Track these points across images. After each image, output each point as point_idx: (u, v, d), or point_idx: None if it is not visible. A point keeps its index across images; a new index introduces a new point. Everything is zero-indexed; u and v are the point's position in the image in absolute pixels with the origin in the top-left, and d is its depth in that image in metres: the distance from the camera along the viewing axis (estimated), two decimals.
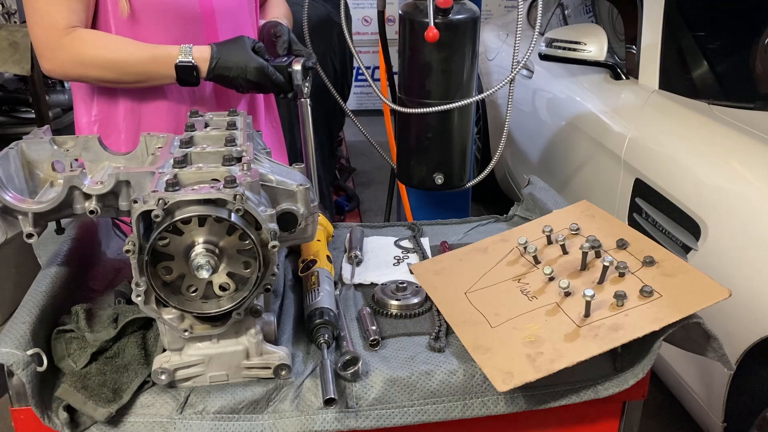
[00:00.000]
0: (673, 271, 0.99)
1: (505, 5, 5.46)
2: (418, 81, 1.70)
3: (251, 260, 0.82)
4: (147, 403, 0.87)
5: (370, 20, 5.47)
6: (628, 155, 2.06)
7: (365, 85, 5.42)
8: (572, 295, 0.99)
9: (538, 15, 1.94)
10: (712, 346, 0.94)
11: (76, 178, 0.89)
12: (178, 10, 1.28)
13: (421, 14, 1.61)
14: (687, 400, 1.83)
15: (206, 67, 1.23)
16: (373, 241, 1.32)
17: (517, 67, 1.70)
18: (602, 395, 0.94)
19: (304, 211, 0.93)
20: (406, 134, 1.82)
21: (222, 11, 1.34)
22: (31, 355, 0.83)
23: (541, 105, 2.92)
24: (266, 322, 0.92)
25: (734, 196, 1.65)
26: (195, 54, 1.23)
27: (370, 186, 4.21)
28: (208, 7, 1.31)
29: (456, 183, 1.83)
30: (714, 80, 2.20)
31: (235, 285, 0.83)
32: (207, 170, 0.85)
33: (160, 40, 1.26)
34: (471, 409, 0.92)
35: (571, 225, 1.15)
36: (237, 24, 1.38)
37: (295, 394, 0.90)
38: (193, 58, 1.22)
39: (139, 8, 1.25)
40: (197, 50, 1.23)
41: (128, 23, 1.26)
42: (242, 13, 1.40)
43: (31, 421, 0.85)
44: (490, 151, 3.63)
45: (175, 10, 1.28)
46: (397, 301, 1.08)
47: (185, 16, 1.29)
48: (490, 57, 3.61)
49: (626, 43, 2.43)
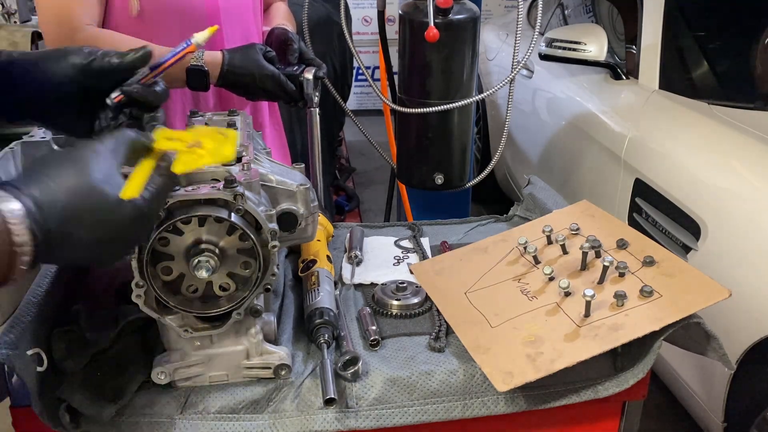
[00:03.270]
0: (673, 271, 0.99)
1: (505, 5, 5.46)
2: (418, 81, 1.70)
3: (251, 260, 0.82)
4: (147, 403, 0.87)
5: (370, 20, 5.47)
6: (628, 155, 2.06)
7: (365, 85, 5.42)
8: (572, 295, 0.99)
9: (538, 15, 1.94)
10: (713, 345, 0.94)
11: None
12: (184, 9, 1.28)
13: (421, 14, 1.61)
14: (687, 400, 1.83)
15: (217, 73, 1.20)
16: (373, 241, 1.32)
17: (517, 67, 1.70)
18: (602, 395, 0.94)
19: (304, 211, 0.93)
20: (406, 134, 1.82)
21: (227, 12, 1.34)
22: (31, 355, 0.83)
23: (541, 105, 2.92)
24: (266, 322, 0.92)
25: (734, 196, 1.65)
26: (206, 59, 1.19)
27: (370, 186, 4.21)
28: (214, 7, 1.31)
29: (456, 183, 1.82)
30: (714, 80, 2.20)
31: (235, 285, 0.83)
32: (207, 170, 0.85)
33: (165, 38, 1.25)
34: (471, 409, 0.92)
35: (571, 225, 1.15)
36: (242, 25, 1.38)
37: (295, 394, 0.90)
38: (205, 63, 1.19)
39: (147, 7, 1.25)
40: (209, 55, 1.20)
41: (135, 22, 1.25)
42: (247, 15, 1.40)
43: (31, 421, 0.85)
44: (490, 151, 3.63)
45: (182, 9, 1.28)
46: (397, 301, 1.08)
47: (191, 15, 1.29)
48: (490, 57, 3.61)
49: (626, 43, 2.43)
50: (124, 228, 0.66)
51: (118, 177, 0.66)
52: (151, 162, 0.72)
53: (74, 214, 0.62)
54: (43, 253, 0.62)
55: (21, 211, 0.59)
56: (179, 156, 0.74)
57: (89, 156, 0.65)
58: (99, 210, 0.64)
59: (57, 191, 0.62)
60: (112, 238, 0.66)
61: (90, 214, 0.63)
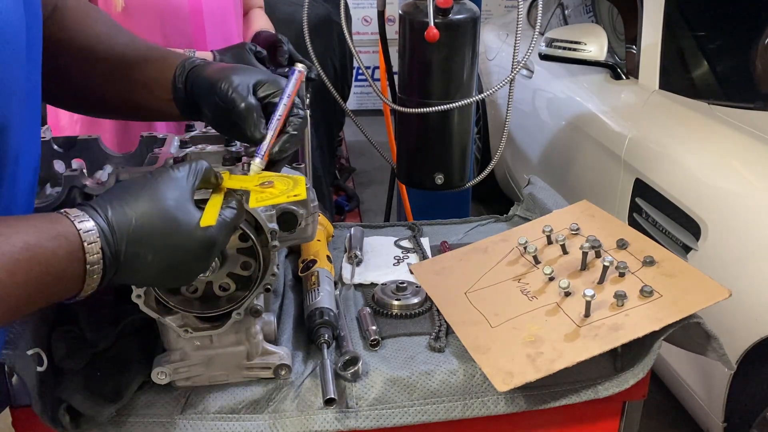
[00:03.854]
0: (673, 271, 0.99)
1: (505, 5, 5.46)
2: (418, 81, 1.70)
3: (251, 260, 0.82)
4: (147, 403, 0.87)
5: (370, 20, 5.47)
6: (629, 155, 2.06)
7: (365, 85, 5.42)
8: (572, 295, 0.99)
9: (538, 15, 1.94)
10: (713, 345, 0.94)
11: (76, 178, 0.89)
12: (167, 6, 1.29)
13: (421, 14, 1.61)
14: (687, 400, 1.83)
15: None
16: (373, 241, 1.32)
17: (517, 67, 1.69)
18: (602, 395, 0.94)
19: (304, 211, 0.93)
20: (406, 134, 1.81)
21: (209, 10, 1.35)
22: (31, 355, 0.83)
23: (541, 105, 2.92)
24: (266, 322, 0.92)
25: (734, 196, 1.66)
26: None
27: (370, 186, 4.21)
28: (197, 7, 1.33)
29: (456, 183, 1.82)
30: (714, 80, 2.20)
31: (235, 285, 0.83)
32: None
33: (148, 35, 1.26)
34: (471, 409, 0.92)
35: (571, 225, 1.15)
36: (223, 24, 1.39)
37: (295, 394, 0.90)
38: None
39: (130, 3, 1.26)
40: (200, 55, 1.22)
41: (119, 18, 1.26)
42: (228, 15, 1.42)
43: (31, 421, 0.85)
44: (490, 151, 3.63)
45: (165, 7, 1.29)
46: (398, 301, 1.08)
47: (174, 13, 1.30)
48: (490, 57, 3.61)
49: (626, 43, 2.43)
50: (194, 254, 0.68)
51: (191, 205, 0.68)
52: (220, 196, 0.73)
53: (145, 236, 0.64)
54: (113, 272, 0.64)
55: (95, 230, 0.62)
56: (252, 194, 0.74)
57: (164, 183, 0.67)
58: (170, 235, 0.65)
59: (130, 213, 0.64)
60: (181, 262, 0.67)
61: (161, 238, 0.65)
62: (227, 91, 0.78)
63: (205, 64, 0.86)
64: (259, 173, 0.78)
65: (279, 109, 0.79)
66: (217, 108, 0.79)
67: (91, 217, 0.62)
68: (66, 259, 0.61)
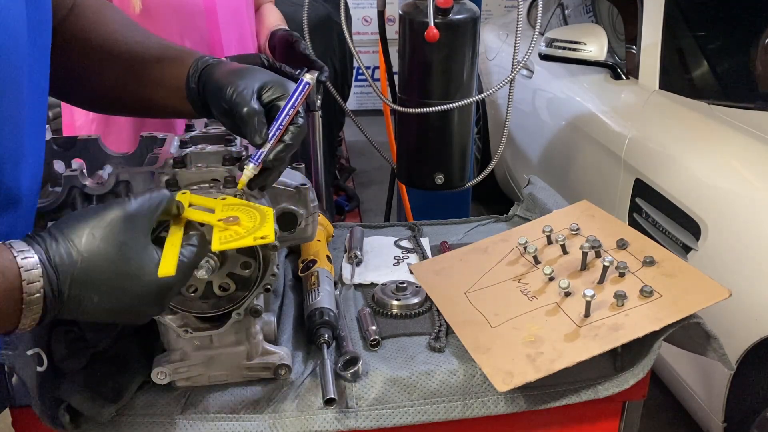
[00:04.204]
0: (673, 271, 0.99)
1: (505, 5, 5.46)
2: (418, 81, 1.70)
3: (251, 260, 0.82)
4: (147, 403, 0.87)
5: (370, 20, 5.47)
6: (628, 155, 2.06)
7: (365, 85, 5.42)
8: (572, 295, 0.99)
9: (538, 15, 1.94)
10: (713, 346, 0.94)
11: (76, 178, 0.89)
12: (183, 5, 1.30)
13: (421, 14, 1.61)
14: (687, 400, 1.83)
15: None
16: (373, 241, 1.32)
17: (517, 67, 1.69)
18: (602, 395, 0.94)
19: (304, 211, 0.93)
20: (406, 134, 1.81)
21: (223, 7, 1.36)
22: (31, 355, 0.83)
23: (541, 105, 2.92)
24: (266, 322, 0.92)
25: (734, 196, 1.66)
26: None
27: (370, 186, 4.21)
28: (211, 4, 1.33)
29: (456, 183, 1.82)
30: (714, 80, 2.20)
31: (235, 285, 0.83)
32: (207, 170, 0.85)
33: (164, 34, 1.26)
34: (471, 409, 0.92)
35: (571, 225, 1.15)
36: (237, 20, 1.41)
37: (295, 394, 0.90)
38: None
39: (147, 4, 1.27)
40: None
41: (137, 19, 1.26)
42: (241, 14, 1.43)
43: (31, 421, 0.85)
44: (490, 151, 3.63)
45: (181, 6, 1.30)
46: (397, 301, 1.08)
47: (190, 11, 1.31)
48: (490, 57, 3.61)
49: (626, 43, 2.43)
50: (147, 300, 0.64)
51: (146, 247, 0.64)
52: (180, 231, 0.69)
53: (90, 279, 0.60)
54: (56, 310, 0.60)
55: (38, 269, 0.58)
56: (216, 232, 0.70)
57: (118, 220, 0.62)
58: (120, 279, 0.61)
59: (75, 253, 0.60)
60: (131, 306, 0.64)
61: (108, 281, 0.61)
62: (232, 95, 0.78)
63: (217, 63, 0.86)
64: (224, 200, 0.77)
65: (280, 118, 0.79)
66: (224, 110, 0.80)
67: (36, 253, 0.58)
68: (1, 296, 0.56)
